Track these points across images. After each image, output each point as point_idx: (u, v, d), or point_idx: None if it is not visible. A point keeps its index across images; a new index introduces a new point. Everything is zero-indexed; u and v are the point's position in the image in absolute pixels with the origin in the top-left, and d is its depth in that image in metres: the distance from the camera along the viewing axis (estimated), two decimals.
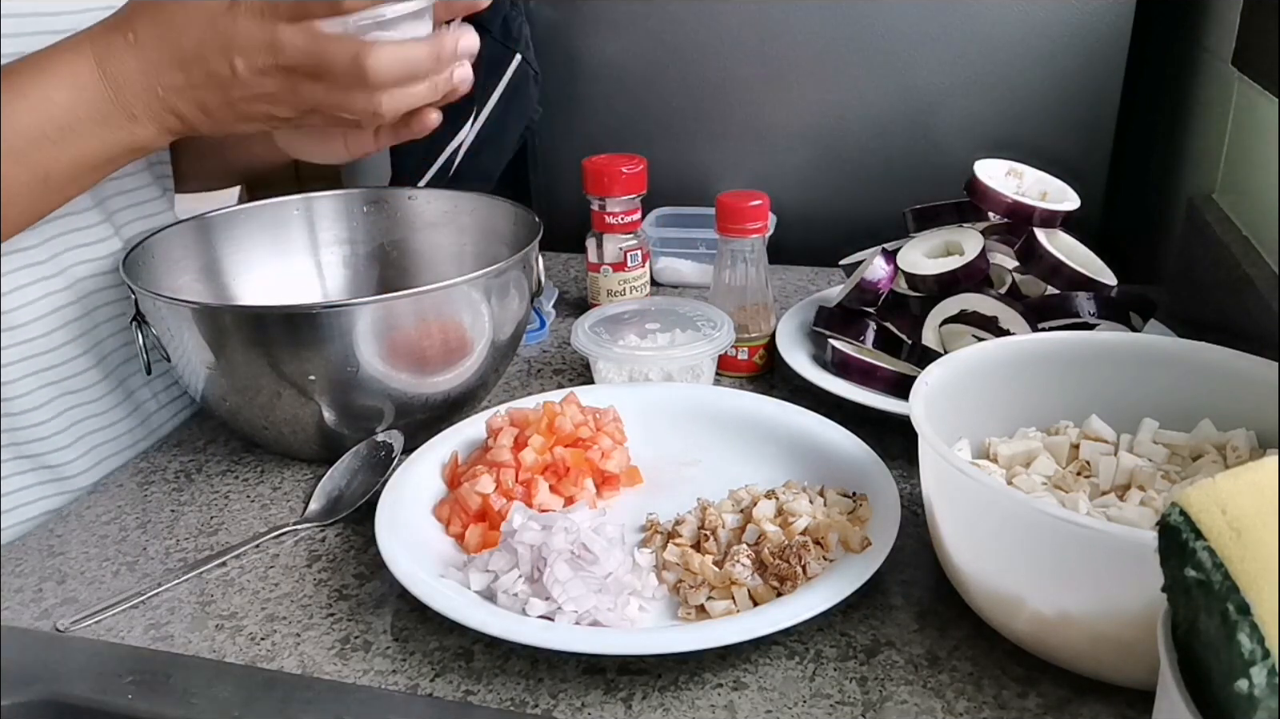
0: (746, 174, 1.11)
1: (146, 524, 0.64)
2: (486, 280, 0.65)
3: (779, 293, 0.97)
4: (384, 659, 0.51)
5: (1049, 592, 0.45)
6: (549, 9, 1.09)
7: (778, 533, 0.55)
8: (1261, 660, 0.27)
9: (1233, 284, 0.73)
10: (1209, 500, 0.31)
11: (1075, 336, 0.60)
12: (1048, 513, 0.43)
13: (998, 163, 0.75)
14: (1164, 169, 1.08)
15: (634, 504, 0.62)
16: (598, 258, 0.89)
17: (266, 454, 0.72)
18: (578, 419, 0.64)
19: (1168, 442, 0.56)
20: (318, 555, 0.60)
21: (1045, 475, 0.55)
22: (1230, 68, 0.84)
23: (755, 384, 0.80)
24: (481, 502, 0.59)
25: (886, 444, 0.64)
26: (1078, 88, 1.01)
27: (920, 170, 1.06)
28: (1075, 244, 0.73)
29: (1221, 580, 0.29)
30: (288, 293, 0.80)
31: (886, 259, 0.75)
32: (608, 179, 0.86)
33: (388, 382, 0.64)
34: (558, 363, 0.85)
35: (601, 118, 1.13)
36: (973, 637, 0.51)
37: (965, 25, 1.01)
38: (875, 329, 0.75)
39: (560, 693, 0.48)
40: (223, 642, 0.53)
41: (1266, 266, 0.71)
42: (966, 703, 0.47)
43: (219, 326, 0.63)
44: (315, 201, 0.82)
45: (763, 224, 0.78)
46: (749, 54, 1.06)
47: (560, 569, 0.52)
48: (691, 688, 0.48)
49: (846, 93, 1.06)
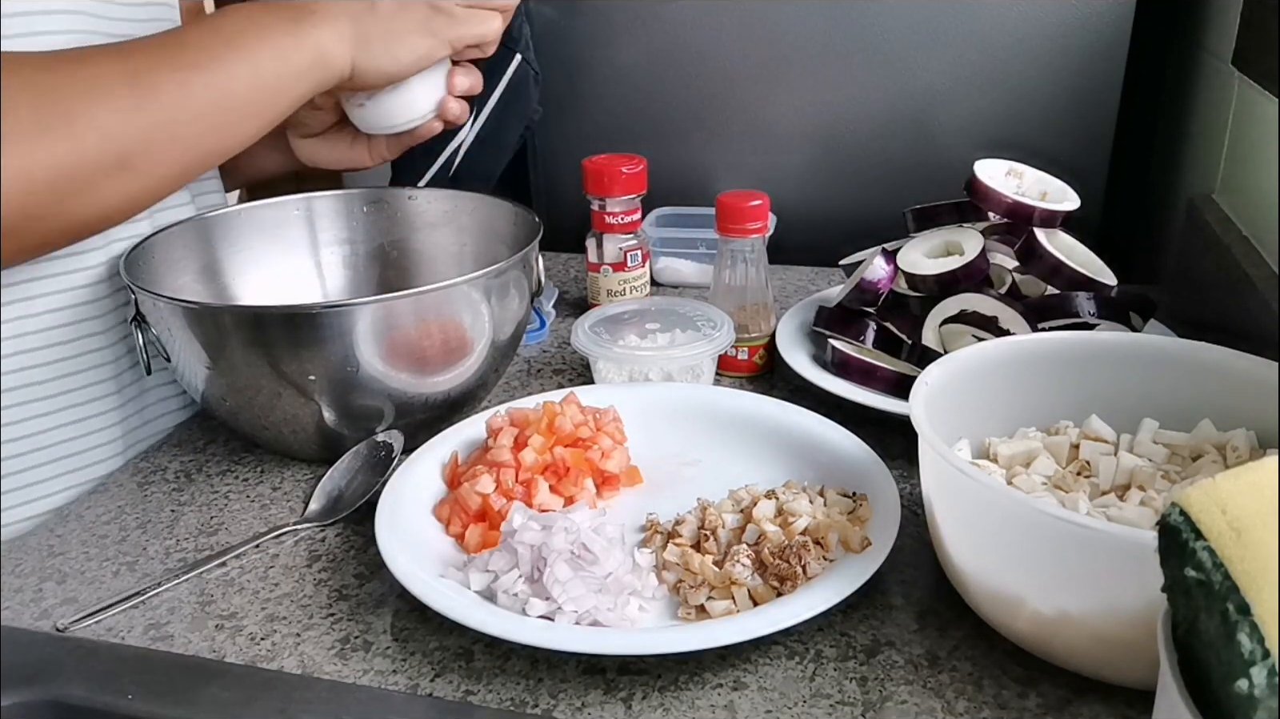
0: (746, 174, 1.11)
1: (146, 524, 0.64)
2: (486, 280, 0.65)
3: (779, 293, 0.97)
4: (384, 659, 0.51)
5: (1049, 592, 0.45)
6: (549, 9, 1.09)
7: (778, 533, 0.55)
8: (1261, 660, 0.27)
9: (1233, 284, 0.73)
10: (1209, 500, 0.31)
11: (1075, 336, 0.60)
12: (1048, 513, 0.43)
13: (998, 163, 0.75)
14: (1164, 169, 1.08)
15: (634, 504, 0.62)
16: (598, 258, 0.89)
17: (266, 454, 0.72)
18: (578, 419, 0.64)
19: (1168, 442, 0.56)
20: (318, 555, 0.60)
21: (1045, 475, 0.55)
22: (1230, 68, 0.84)
23: (755, 384, 0.80)
24: (481, 502, 0.59)
25: (886, 444, 0.64)
26: (1078, 88, 1.01)
27: (920, 170, 1.06)
28: (1075, 244, 0.73)
29: (1221, 580, 0.29)
30: (288, 293, 0.80)
31: (886, 259, 0.75)
32: (608, 179, 0.86)
33: (388, 382, 0.64)
34: (558, 363, 0.85)
35: (601, 118, 1.13)
36: (973, 637, 0.51)
37: (965, 25, 1.01)
38: (875, 329, 0.75)
39: (560, 693, 0.48)
40: (223, 642, 0.53)
41: (1266, 266, 0.71)
42: (966, 703, 0.47)
43: (219, 327, 0.63)
44: (315, 201, 0.82)
45: (763, 224, 0.78)
46: (749, 54, 1.07)
47: (560, 569, 0.52)
48: (691, 688, 0.48)
49: (846, 93, 1.06)
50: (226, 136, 0.60)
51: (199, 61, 0.57)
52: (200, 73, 0.57)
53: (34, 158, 0.52)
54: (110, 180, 0.55)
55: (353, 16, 0.61)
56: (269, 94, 0.60)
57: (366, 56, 0.62)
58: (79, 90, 0.53)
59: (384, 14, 0.62)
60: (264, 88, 0.59)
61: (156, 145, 0.56)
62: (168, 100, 0.55)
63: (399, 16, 0.62)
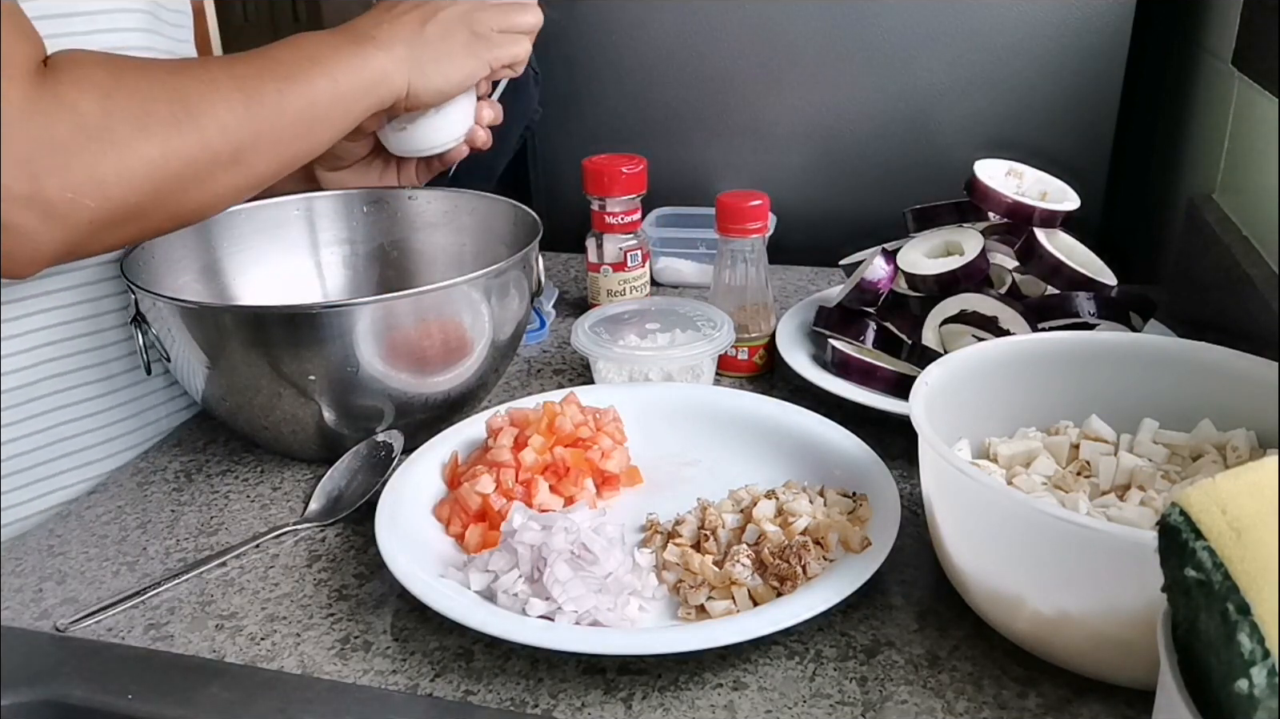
0: (746, 174, 1.11)
1: (146, 524, 0.64)
2: (486, 280, 0.65)
3: (779, 293, 0.97)
4: (384, 659, 0.51)
5: (1049, 592, 0.45)
6: (549, 9, 1.09)
7: (778, 533, 0.55)
8: (1261, 660, 0.27)
9: (1233, 284, 0.73)
10: (1209, 500, 0.31)
11: (1075, 336, 0.60)
12: (1048, 513, 0.43)
13: (998, 163, 0.75)
14: (1164, 169, 1.08)
15: (634, 504, 0.62)
16: (598, 258, 0.89)
17: (266, 454, 0.72)
18: (578, 419, 0.64)
19: (1168, 442, 0.56)
20: (318, 555, 0.60)
21: (1045, 475, 0.55)
22: (1230, 68, 0.84)
23: (755, 384, 0.80)
24: (481, 502, 0.59)
25: (886, 444, 0.64)
26: (1078, 88, 1.01)
27: (920, 170, 1.06)
28: (1075, 244, 0.73)
29: (1221, 580, 0.29)
30: (288, 293, 0.80)
31: (886, 259, 0.75)
32: (608, 179, 0.86)
33: (388, 381, 0.64)
34: (558, 363, 0.85)
35: (601, 118, 1.13)
36: (973, 637, 0.51)
37: (965, 25, 1.01)
38: (875, 329, 0.75)
39: (560, 693, 0.48)
40: (223, 642, 0.53)
41: (1266, 266, 0.71)
42: (966, 703, 0.47)
43: (218, 327, 0.63)
44: (315, 201, 0.82)
45: (763, 224, 0.78)
46: (749, 54, 1.07)
47: (560, 569, 0.52)
48: (691, 688, 0.48)
49: (846, 93, 1.06)
50: (310, 141, 0.66)
51: (291, 74, 0.63)
52: (293, 84, 0.63)
53: (169, 147, 0.57)
54: (224, 173, 0.61)
55: (406, 41, 0.69)
56: (343, 106, 0.66)
57: (421, 76, 0.70)
58: (202, 92, 0.59)
59: (432, 39, 0.70)
60: (340, 100, 0.66)
61: (262, 144, 0.62)
62: (270, 105, 0.62)
63: (445, 41, 0.71)
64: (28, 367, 0.66)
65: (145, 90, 0.57)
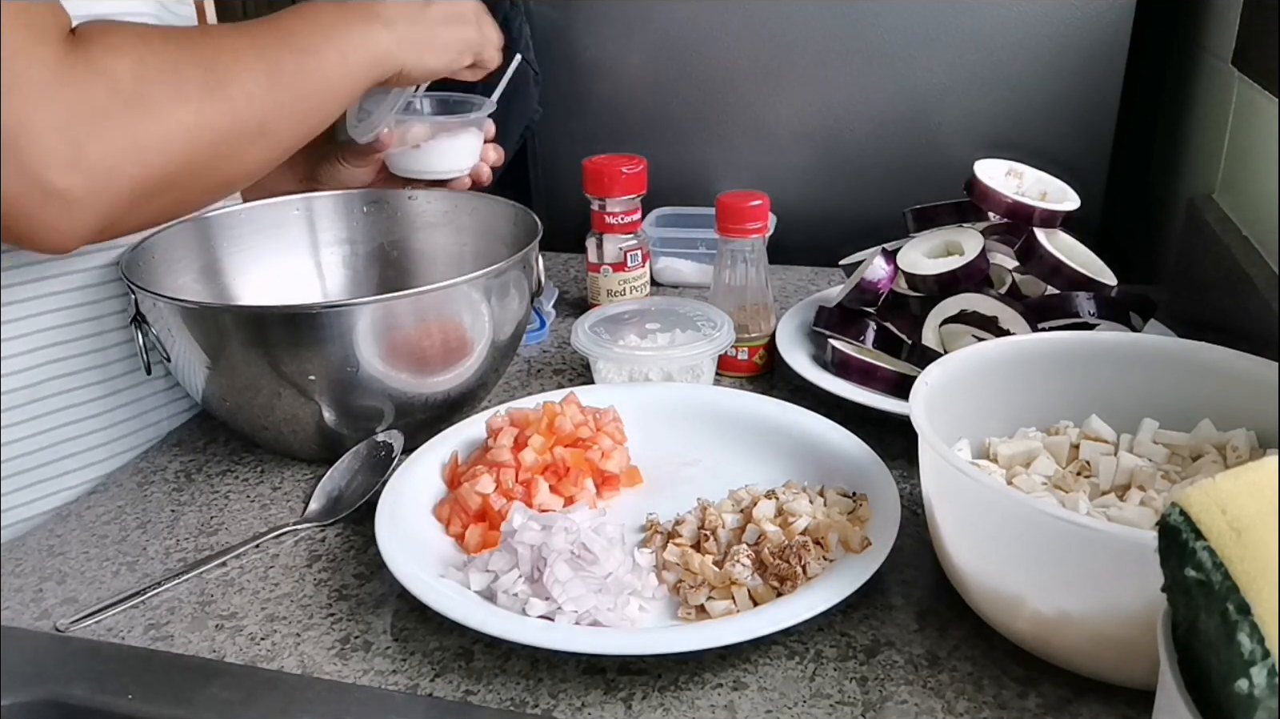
0: (746, 174, 1.11)
1: (146, 524, 0.64)
2: (486, 280, 0.65)
3: (779, 293, 0.97)
4: (384, 659, 0.51)
5: (1049, 592, 0.45)
6: (549, 9, 1.09)
7: (778, 533, 0.55)
8: (1261, 660, 0.27)
9: (1233, 284, 0.73)
10: (1209, 500, 0.31)
11: (1075, 336, 0.60)
12: (1048, 513, 0.43)
13: (998, 163, 0.75)
14: (1164, 169, 1.08)
15: (634, 504, 0.62)
16: (598, 258, 0.89)
17: (266, 454, 0.72)
18: (578, 419, 0.64)
19: (1168, 442, 0.56)
20: (318, 555, 0.60)
21: (1045, 475, 0.55)
22: (1230, 68, 0.84)
23: (755, 384, 0.80)
24: (481, 502, 0.59)
25: (886, 444, 0.64)
26: (1078, 88, 1.01)
27: (920, 170, 1.06)
28: (1075, 244, 0.73)
29: (1221, 580, 0.29)
30: (288, 293, 0.80)
31: (886, 259, 0.75)
32: (608, 179, 0.86)
33: (388, 381, 0.64)
34: (558, 363, 0.85)
35: (601, 118, 1.13)
36: (973, 637, 0.51)
37: (965, 25, 1.01)
38: (875, 329, 0.75)
39: (560, 693, 0.48)
40: (223, 642, 0.53)
41: (1266, 266, 0.71)
42: (966, 703, 0.47)
43: (218, 327, 0.63)
44: (315, 201, 0.82)
45: (763, 224, 0.78)
46: (749, 54, 1.07)
47: (560, 569, 0.52)
48: (691, 688, 0.48)
49: (846, 93, 1.06)
50: (322, 114, 0.66)
51: (306, 46, 0.63)
52: (308, 56, 0.63)
53: (203, 115, 0.57)
54: (253, 144, 0.61)
55: (410, 20, 0.70)
56: (349, 80, 0.67)
57: (416, 56, 0.71)
58: (228, 62, 0.59)
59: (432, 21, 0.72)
60: (349, 75, 0.66)
61: (285, 114, 0.62)
62: (290, 76, 0.62)
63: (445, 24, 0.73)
64: (28, 368, 0.66)
65: (176, 57, 0.57)
